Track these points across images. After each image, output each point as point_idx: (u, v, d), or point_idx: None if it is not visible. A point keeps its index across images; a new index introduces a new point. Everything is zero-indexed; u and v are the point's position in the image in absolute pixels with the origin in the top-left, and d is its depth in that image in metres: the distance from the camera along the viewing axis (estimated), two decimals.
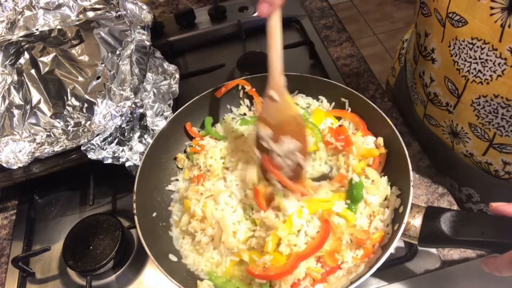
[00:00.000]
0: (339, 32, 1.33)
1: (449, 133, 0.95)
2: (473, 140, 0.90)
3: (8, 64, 1.01)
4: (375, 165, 0.86)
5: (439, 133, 0.99)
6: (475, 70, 0.77)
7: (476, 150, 0.91)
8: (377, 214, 0.79)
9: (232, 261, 0.78)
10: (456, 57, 0.80)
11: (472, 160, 0.94)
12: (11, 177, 0.93)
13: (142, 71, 0.95)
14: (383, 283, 0.81)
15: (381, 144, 0.87)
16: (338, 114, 0.96)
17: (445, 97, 0.90)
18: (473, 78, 0.79)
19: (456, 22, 0.76)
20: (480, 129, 0.86)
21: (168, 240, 0.86)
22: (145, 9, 1.09)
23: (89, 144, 0.87)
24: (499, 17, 0.68)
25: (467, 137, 0.91)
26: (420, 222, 0.71)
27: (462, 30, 0.75)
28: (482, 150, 0.90)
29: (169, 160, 0.97)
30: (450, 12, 0.76)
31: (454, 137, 0.94)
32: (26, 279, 0.92)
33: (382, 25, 3.42)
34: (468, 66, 0.78)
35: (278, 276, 0.73)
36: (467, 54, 0.77)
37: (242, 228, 0.79)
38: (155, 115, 0.99)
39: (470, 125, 0.87)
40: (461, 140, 0.93)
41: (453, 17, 0.76)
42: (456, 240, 0.67)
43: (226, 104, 1.03)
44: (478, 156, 0.92)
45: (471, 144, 0.91)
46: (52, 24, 1.05)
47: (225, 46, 1.35)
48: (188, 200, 0.86)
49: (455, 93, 0.85)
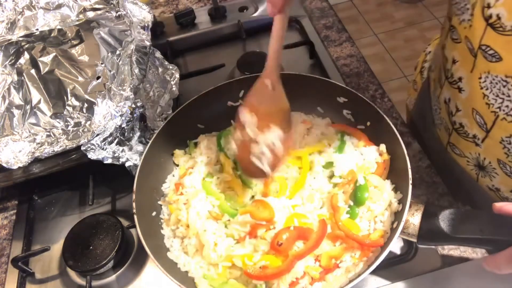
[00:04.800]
0: (339, 32, 1.33)
1: (474, 165, 0.90)
2: (501, 176, 0.84)
3: (8, 64, 1.01)
4: (379, 171, 0.86)
5: (463, 163, 0.93)
6: (508, 108, 0.72)
7: (503, 186, 0.86)
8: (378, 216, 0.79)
9: (224, 266, 0.78)
10: (487, 91, 0.74)
11: (498, 194, 0.89)
12: (11, 177, 0.93)
13: (142, 71, 0.95)
14: (383, 283, 0.81)
15: (384, 151, 0.87)
16: (339, 129, 0.94)
17: (473, 129, 0.83)
18: (504, 115, 0.74)
19: (489, 56, 0.69)
20: (510, 167, 0.81)
21: None
22: (145, 9, 1.09)
23: (89, 144, 0.87)
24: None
25: (494, 172, 0.85)
26: (419, 220, 0.71)
27: (495, 65, 0.69)
28: (510, 187, 0.85)
29: (169, 160, 0.97)
30: (483, 45, 0.70)
31: (480, 170, 0.89)
32: (26, 279, 0.92)
33: (382, 25, 3.42)
34: (500, 102, 0.73)
35: (275, 275, 0.73)
36: (499, 90, 0.71)
37: (223, 243, 0.78)
38: (155, 115, 0.99)
39: (499, 162, 0.82)
40: (488, 174, 0.87)
41: (486, 50, 0.70)
42: (455, 237, 0.67)
43: (227, 102, 1.03)
44: (505, 192, 0.87)
45: (499, 180, 0.86)
46: (52, 24, 1.05)
47: (225, 46, 1.35)
48: (172, 206, 0.86)
49: (484, 127, 0.80)
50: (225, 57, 1.27)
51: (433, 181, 0.96)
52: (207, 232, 0.79)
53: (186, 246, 0.82)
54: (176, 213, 0.84)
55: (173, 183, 0.91)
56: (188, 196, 0.85)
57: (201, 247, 0.80)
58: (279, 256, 0.74)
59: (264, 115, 0.76)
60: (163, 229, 0.87)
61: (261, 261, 0.74)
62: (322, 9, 1.41)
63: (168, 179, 0.94)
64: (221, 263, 0.77)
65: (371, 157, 0.87)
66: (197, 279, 0.78)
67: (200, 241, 0.80)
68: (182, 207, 0.84)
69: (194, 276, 0.79)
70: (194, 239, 0.81)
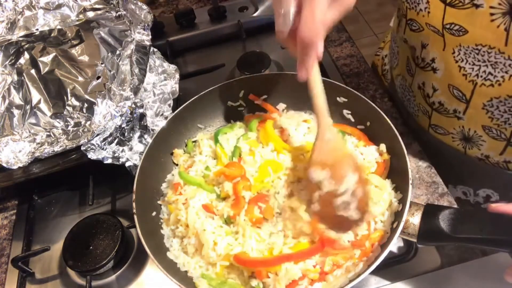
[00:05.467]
0: (339, 32, 1.33)
1: (460, 139, 0.94)
2: (488, 142, 0.89)
3: (8, 64, 1.01)
4: (379, 171, 0.86)
5: (449, 141, 0.97)
6: (485, 73, 0.77)
7: (492, 151, 0.90)
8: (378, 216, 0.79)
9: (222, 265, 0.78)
10: (462, 63, 0.79)
11: (488, 161, 0.93)
12: (11, 177, 0.93)
13: (142, 71, 0.95)
14: (383, 283, 0.81)
15: (384, 151, 0.87)
16: (339, 128, 0.94)
17: (452, 105, 0.89)
18: (482, 81, 0.78)
19: (456, 31, 0.75)
20: (496, 130, 0.85)
21: None
22: (145, 9, 1.09)
23: (89, 144, 0.87)
24: (501, 21, 0.68)
25: (481, 140, 0.89)
26: (419, 220, 0.71)
27: (463, 38, 0.75)
28: (499, 150, 0.89)
29: (169, 159, 0.97)
30: (447, 23, 0.76)
31: (466, 142, 0.93)
32: (26, 279, 0.92)
33: (382, 25, 3.42)
34: (477, 69, 0.77)
35: (255, 264, 0.74)
36: (474, 58, 0.76)
37: (223, 242, 0.78)
38: (155, 115, 0.99)
39: (484, 128, 0.86)
40: (475, 144, 0.91)
41: (451, 28, 0.76)
42: (455, 237, 0.67)
43: (226, 101, 1.03)
44: (495, 156, 0.91)
45: (486, 146, 0.90)
46: (52, 24, 1.05)
47: (225, 46, 1.35)
48: (171, 206, 0.86)
49: (463, 99, 0.84)
50: (225, 57, 1.27)
51: (433, 181, 0.96)
52: (207, 231, 0.79)
53: (185, 246, 0.82)
54: (176, 213, 0.84)
55: (172, 183, 0.91)
56: (187, 195, 0.85)
57: (200, 246, 0.80)
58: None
59: (334, 168, 0.73)
60: (162, 229, 0.87)
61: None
62: None
63: (167, 178, 0.94)
64: (220, 262, 0.77)
65: (371, 156, 0.87)
66: (196, 279, 0.78)
67: (199, 241, 0.80)
68: (181, 207, 0.84)
69: (193, 275, 0.79)
70: (194, 238, 0.81)
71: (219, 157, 0.90)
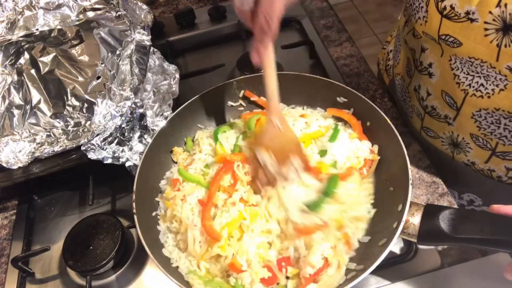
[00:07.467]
0: (339, 32, 1.33)
1: (449, 144, 0.96)
2: (475, 149, 0.90)
3: (8, 64, 1.01)
4: (362, 167, 0.87)
5: (438, 144, 0.99)
6: (477, 84, 0.78)
7: (478, 158, 0.92)
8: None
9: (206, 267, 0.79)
10: (458, 71, 0.81)
11: (473, 168, 0.94)
12: (11, 177, 0.93)
13: (142, 71, 0.95)
14: (383, 283, 0.81)
15: (375, 151, 0.89)
16: (336, 114, 0.96)
17: (444, 110, 0.90)
18: (474, 91, 0.80)
19: (450, 43, 0.77)
20: (482, 139, 0.86)
21: None
22: (145, 9, 1.10)
23: (89, 144, 0.87)
24: (494, 37, 0.69)
25: (468, 147, 0.91)
26: (419, 220, 0.71)
27: (458, 50, 0.77)
28: (484, 159, 0.90)
29: (169, 159, 0.97)
30: (442, 35, 0.78)
31: (454, 147, 0.95)
32: (26, 279, 0.92)
33: (382, 25, 3.42)
34: (471, 79, 0.79)
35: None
36: (469, 69, 0.78)
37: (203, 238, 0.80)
38: (155, 115, 0.99)
39: (472, 136, 0.88)
40: (462, 150, 0.93)
41: (446, 39, 0.77)
42: (455, 237, 0.67)
43: (226, 101, 1.03)
44: (480, 164, 0.92)
45: (473, 154, 0.92)
46: (52, 24, 1.05)
47: (225, 46, 1.35)
48: (168, 202, 0.86)
49: (454, 107, 0.86)
50: (225, 57, 1.27)
51: (433, 181, 0.96)
52: (197, 227, 0.79)
53: (179, 242, 0.82)
54: (172, 208, 0.84)
55: (171, 179, 0.91)
56: (185, 192, 0.85)
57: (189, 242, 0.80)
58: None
59: (279, 150, 0.80)
60: (159, 225, 0.87)
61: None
62: (322, 9, 1.41)
63: (166, 175, 0.94)
64: (202, 262, 0.78)
65: (362, 152, 0.88)
66: (185, 276, 0.78)
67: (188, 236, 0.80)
68: (178, 202, 0.84)
69: (182, 272, 0.79)
70: (185, 234, 0.81)
71: (219, 155, 0.90)
